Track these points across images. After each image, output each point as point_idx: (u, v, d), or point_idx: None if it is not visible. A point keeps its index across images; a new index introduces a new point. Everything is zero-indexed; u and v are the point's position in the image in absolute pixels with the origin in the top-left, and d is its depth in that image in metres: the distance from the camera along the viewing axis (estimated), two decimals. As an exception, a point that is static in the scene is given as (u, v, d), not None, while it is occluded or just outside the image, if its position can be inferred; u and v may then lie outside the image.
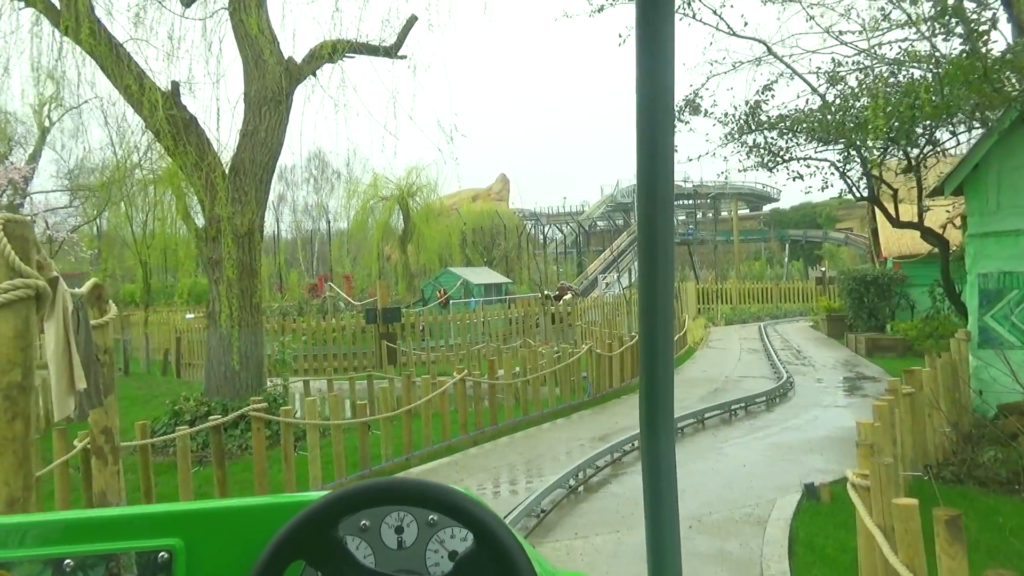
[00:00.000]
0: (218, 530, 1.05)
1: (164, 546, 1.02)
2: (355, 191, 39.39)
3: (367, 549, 1.05)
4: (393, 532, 1.06)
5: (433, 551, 1.06)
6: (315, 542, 0.93)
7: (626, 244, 35.73)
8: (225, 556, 1.04)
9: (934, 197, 11.15)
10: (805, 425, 9.32)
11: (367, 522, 1.06)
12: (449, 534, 1.06)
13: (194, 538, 1.03)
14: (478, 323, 20.68)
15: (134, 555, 1.01)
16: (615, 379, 12.55)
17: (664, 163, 0.73)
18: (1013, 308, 9.57)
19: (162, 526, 1.03)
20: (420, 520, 1.06)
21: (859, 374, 13.78)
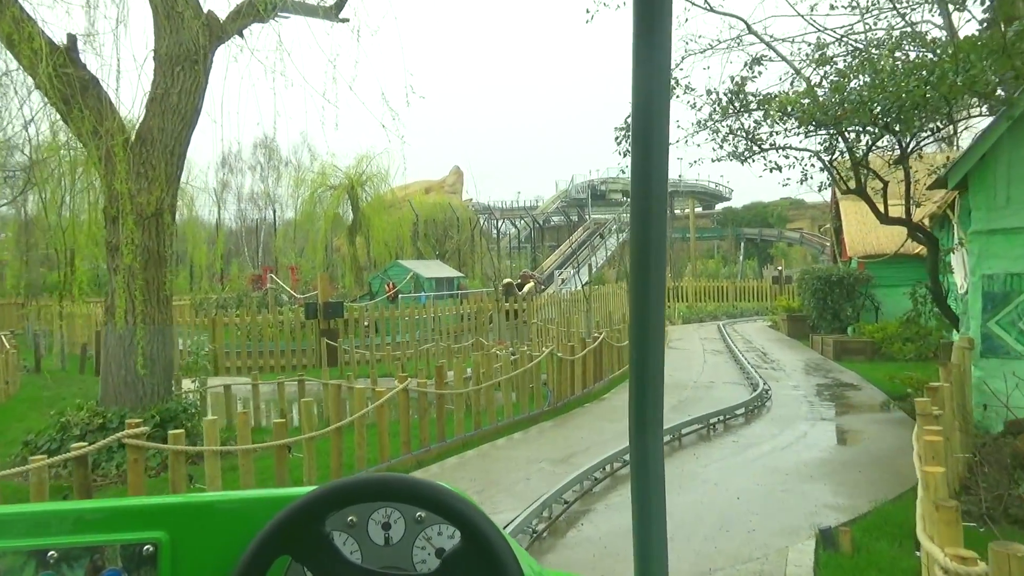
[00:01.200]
0: (204, 524, 1.03)
1: (149, 539, 0.99)
2: (303, 180, 37.49)
3: (354, 545, 1.02)
4: (380, 528, 1.03)
5: (420, 548, 1.03)
6: (301, 537, 0.91)
7: (583, 238, 34.57)
8: (210, 550, 1.01)
9: (933, 190, 10.10)
10: (794, 444, 8.13)
11: (354, 518, 1.03)
12: (436, 531, 1.03)
13: (179, 531, 1.01)
14: (428, 319, 19.23)
15: (119, 548, 0.99)
16: (577, 385, 11.25)
17: (658, 165, 0.71)
18: (1022, 314, 8.55)
19: (147, 519, 1.01)
20: (407, 517, 1.03)
21: (836, 380, 12.74)
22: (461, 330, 20.01)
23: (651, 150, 0.70)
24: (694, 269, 38.56)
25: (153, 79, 8.93)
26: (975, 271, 8.82)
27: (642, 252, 0.73)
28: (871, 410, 9.96)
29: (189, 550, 1.02)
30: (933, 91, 7.56)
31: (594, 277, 28.74)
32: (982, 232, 8.71)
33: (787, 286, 31.34)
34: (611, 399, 11.37)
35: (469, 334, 19.80)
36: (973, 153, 8.62)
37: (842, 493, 6.31)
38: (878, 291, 19.61)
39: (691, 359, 16.21)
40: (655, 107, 0.70)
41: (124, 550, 0.99)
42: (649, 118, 0.70)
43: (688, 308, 30.27)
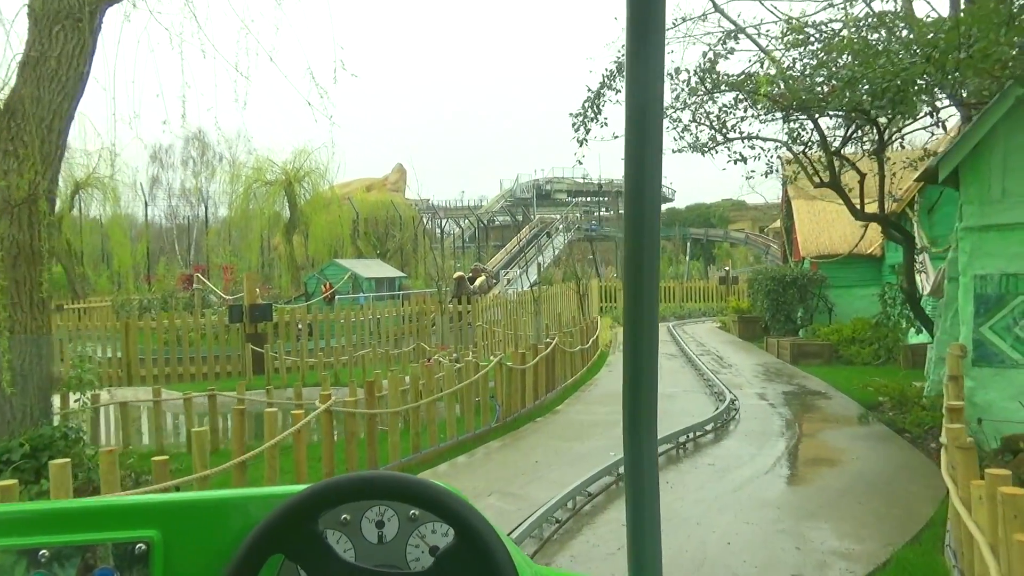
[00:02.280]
0: (196, 522, 1.01)
1: (141, 537, 0.98)
2: (238, 175, 35.51)
3: (347, 543, 1.00)
4: (374, 526, 1.01)
5: (414, 546, 1.01)
6: (295, 536, 0.90)
7: (530, 237, 33.49)
8: (203, 549, 1.00)
9: (922, 182, 9.25)
10: (777, 466, 7.10)
11: (348, 516, 1.01)
12: (430, 529, 1.01)
13: (172, 530, 0.99)
14: (367, 322, 17.83)
15: (110, 546, 0.97)
16: (528, 396, 10.07)
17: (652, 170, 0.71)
18: (1018, 318, 7.71)
19: (139, 517, 1.00)
20: (401, 515, 1.01)
21: (801, 387, 11.85)
22: (402, 333, 18.66)
23: (644, 154, 0.69)
24: (640, 269, 37.85)
25: (27, 39, 7.42)
26: (966, 271, 7.95)
27: (635, 255, 0.73)
28: (848, 423, 9.03)
29: (181, 549, 0.99)
30: (935, 68, 6.60)
31: (542, 277, 27.69)
32: (974, 228, 7.85)
33: (734, 286, 30.83)
34: (565, 412, 10.23)
35: (411, 338, 18.48)
36: (967, 141, 7.75)
37: (849, 534, 5.26)
38: (831, 292, 18.99)
39: (645, 364, 15.20)
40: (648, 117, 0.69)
41: (116, 549, 0.97)
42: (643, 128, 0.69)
43: (635, 309, 29.44)
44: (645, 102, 0.70)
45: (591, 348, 15.19)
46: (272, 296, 25.92)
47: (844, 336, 16.71)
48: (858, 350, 15.58)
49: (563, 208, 44.58)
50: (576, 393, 11.76)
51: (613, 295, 30.68)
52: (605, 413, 9.95)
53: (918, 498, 6.08)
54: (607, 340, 19.67)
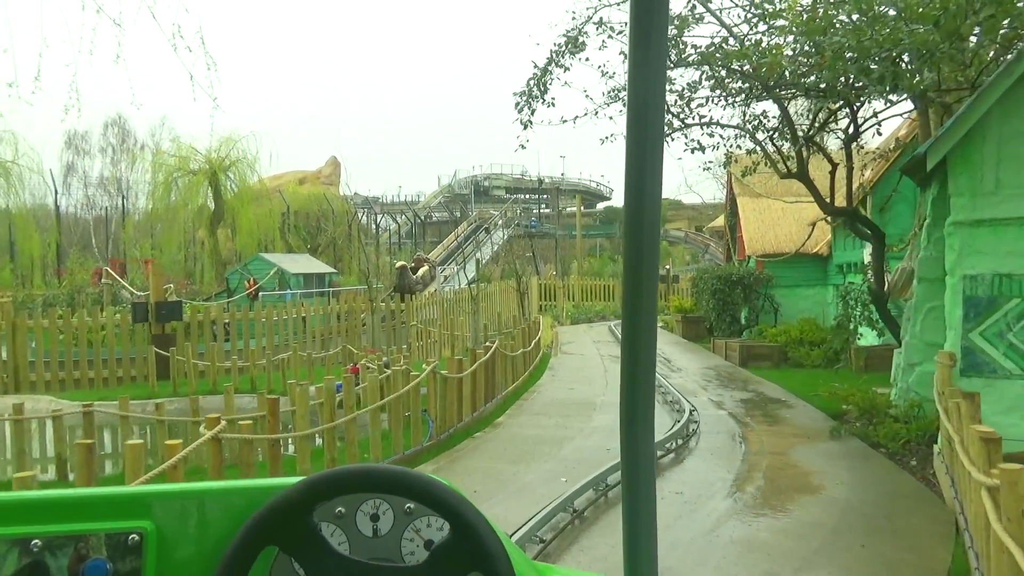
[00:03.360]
0: (190, 513, 0.99)
1: (135, 528, 0.96)
2: (160, 163, 33.21)
3: (342, 536, 0.98)
4: (368, 520, 0.99)
5: (409, 540, 0.99)
6: (289, 528, 0.89)
7: (468, 233, 32.20)
8: (197, 540, 0.98)
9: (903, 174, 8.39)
10: (756, 495, 6.08)
11: (342, 509, 0.99)
12: (425, 523, 0.99)
13: (166, 521, 0.98)
14: (292, 321, 16.32)
15: (103, 536, 0.95)
16: (465, 408, 8.87)
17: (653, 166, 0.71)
18: (1012, 323, 6.88)
19: (133, 508, 0.98)
20: (396, 508, 0.99)
21: (758, 393, 10.96)
22: (329, 333, 17.20)
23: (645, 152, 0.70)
24: (580, 267, 37.03)
25: None
26: (954, 271, 7.10)
27: (635, 255, 0.73)
28: (820, 437, 8.13)
29: (175, 540, 0.98)
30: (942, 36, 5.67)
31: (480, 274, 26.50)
32: (964, 223, 7.00)
33: (675, 285, 30.23)
34: (507, 425, 9.06)
35: (339, 338, 17.04)
36: (958, 126, 6.89)
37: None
38: (777, 292, 18.36)
39: (590, 368, 14.17)
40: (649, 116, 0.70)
41: (109, 539, 0.95)
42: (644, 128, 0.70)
43: (575, 307, 28.54)
44: (647, 101, 0.69)
45: (533, 350, 14.09)
46: (191, 292, 24.03)
47: (792, 337, 16.04)
48: (807, 352, 14.90)
49: (502, 204, 43.46)
50: (518, 402, 10.61)
51: (552, 293, 29.70)
52: (552, 426, 8.83)
53: (925, 535, 5.13)
54: (548, 341, 18.62)
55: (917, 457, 7.50)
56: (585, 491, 5.84)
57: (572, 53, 8.35)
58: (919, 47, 5.75)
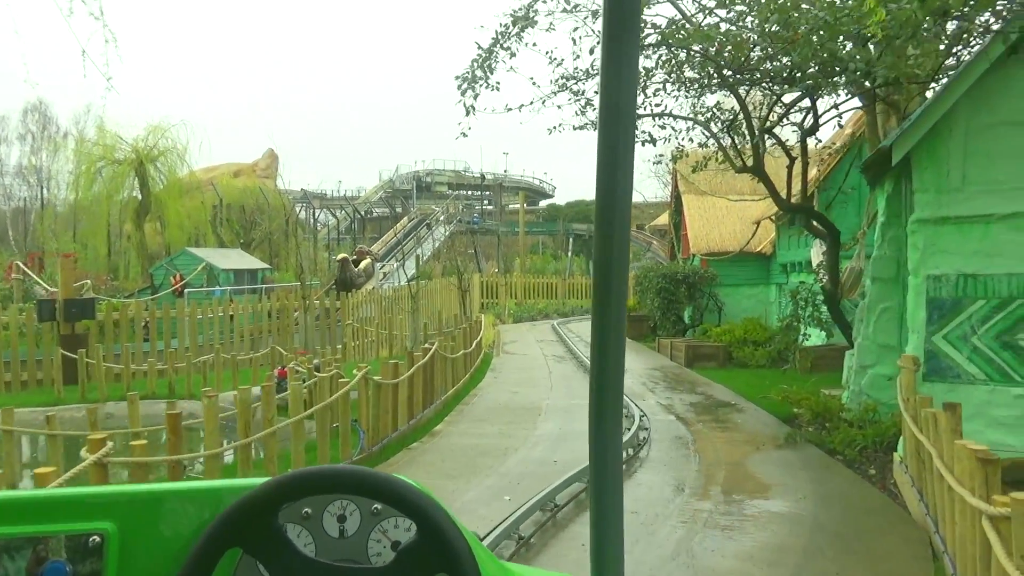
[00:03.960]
0: (153, 514, 0.96)
1: (95, 530, 0.93)
2: (83, 152, 31.36)
3: (308, 537, 0.96)
4: (335, 521, 0.97)
5: (376, 541, 0.97)
6: (253, 529, 0.87)
7: (409, 229, 31.27)
8: (160, 541, 0.95)
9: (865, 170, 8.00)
10: (713, 512, 5.56)
11: (309, 510, 0.97)
12: (393, 524, 0.97)
13: (128, 522, 0.95)
14: (220, 319, 15.30)
15: (63, 539, 0.92)
16: (401, 416, 8.16)
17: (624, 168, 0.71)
18: (977, 326, 6.54)
19: (94, 509, 0.95)
20: (363, 509, 0.97)
21: (707, 396, 10.55)
22: (260, 333, 16.23)
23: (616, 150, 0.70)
24: (523, 264, 36.52)
25: None
26: (918, 271, 6.74)
27: (605, 255, 0.72)
28: (775, 444, 7.71)
29: (137, 541, 0.95)
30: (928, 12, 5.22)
31: (421, 271, 25.69)
32: (929, 221, 6.63)
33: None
34: (446, 434, 8.39)
35: (270, 338, 16.09)
36: (925, 119, 6.52)
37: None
38: (720, 290, 18.13)
39: (534, 370, 13.60)
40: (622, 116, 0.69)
41: (69, 541, 0.92)
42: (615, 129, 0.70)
43: (518, 305, 28.00)
44: (619, 102, 0.69)
45: (475, 351, 13.44)
46: (112, 289, 22.60)
47: (737, 337, 15.78)
48: (752, 352, 14.65)
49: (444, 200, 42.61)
50: (459, 407, 9.95)
51: (495, 291, 29.08)
52: (494, 435, 8.19)
53: (901, 559, 4.68)
54: (490, 340, 17.99)
55: (876, 465, 7.14)
56: (532, 513, 5.22)
57: (522, 29, 7.72)
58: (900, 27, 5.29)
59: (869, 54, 5.56)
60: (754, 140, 8.02)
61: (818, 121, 7.70)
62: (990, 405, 6.34)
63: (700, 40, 6.33)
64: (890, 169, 8.48)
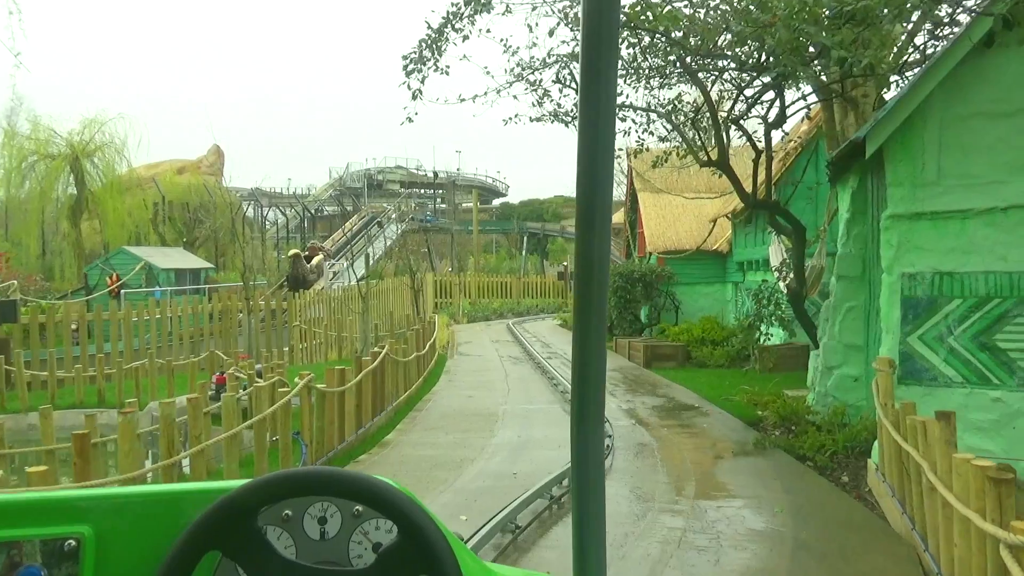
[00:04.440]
0: (131, 517, 0.94)
1: (71, 533, 0.91)
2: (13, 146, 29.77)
3: (288, 540, 0.95)
4: (316, 523, 0.96)
5: (357, 543, 0.96)
6: (232, 532, 0.85)
7: (359, 227, 30.40)
8: (137, 545, 0.93)
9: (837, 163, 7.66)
10: (691, 533, 5.13)
11: (289, 512, 0.95)
12: (374, 526, 0.96)
13: (105, 525, 0.93)
14: (159, 321, 14.43)
15: (38, 543, 0.90)
16: (348, 426, 7.58)
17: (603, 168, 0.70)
18: (953, 326, 6.26)
19: (70, 512, 0.93)
20: (344, 511, 0.96)
21: (669, 398, 10.18)
22: (201, 335, 15.39)
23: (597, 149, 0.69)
24: (477, 263, 35.96)
25: None
26: (892, 269, 6.43)
27: (586, 253, 0.72)
28: (744, 451, 7.34)
29: (115, 545, 0.93)
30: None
31: (372, 270, 24.95)
32: (903, 216, 6.32)
33: (573, 282, 29.62)
34: (397, 445, 7.82)
35: (212, 340, 15.27)
36: (899, 110, 6.21)
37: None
38: (677, 289, 17.89)
39: (490, 372, 13.09)
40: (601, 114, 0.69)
41: (44, 545, 0.90)
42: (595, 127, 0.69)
43: (472, 305, 27.45)
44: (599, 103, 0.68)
45: (428, 353, 12.88)
46: (43, 290, 21.36)
47: (695, 336, 15.54)
48: (710, 351, 14.40)
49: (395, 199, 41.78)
50: (411, 414, 9.39)
51: (448, 290, 28.47)
52: (449, 445, 7.66)
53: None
54: (444, 341, 17.43)
55: (848, 471, 6.82)
56: (492, 536, 4.72)
57: (475, 12, 7.19)
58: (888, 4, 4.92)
59: (851, 35, 5.18)
60: (719, 132, 7.65)
61: (785, 112, 7.37)
62: (967, 408, 6.06)
63: (666, 22, 5.90)
64: (855, 164, 8.24)
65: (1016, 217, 5.92)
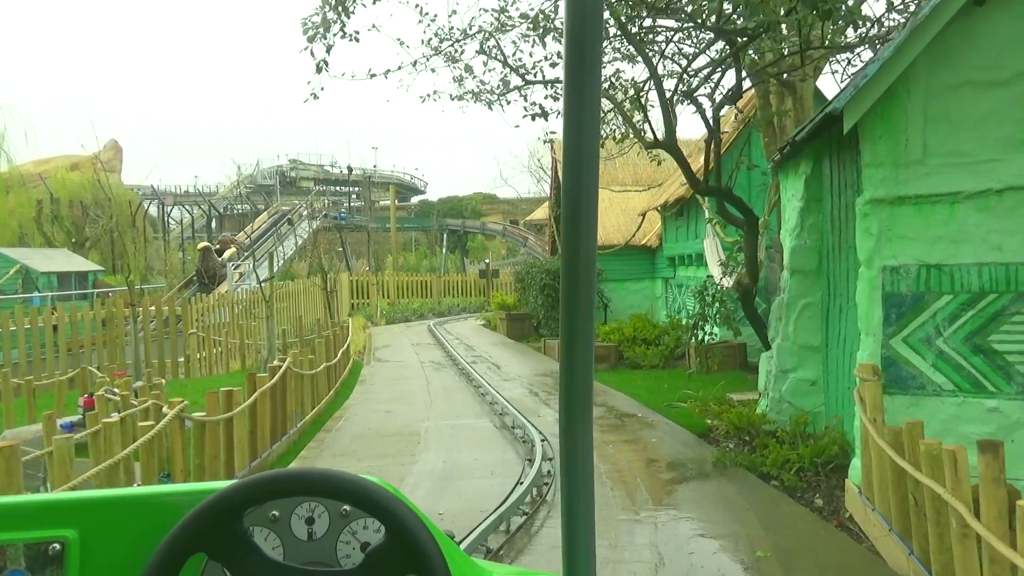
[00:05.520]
0: (115, 520, 0.93)
1: (56, 537, 0.90)
2: None
3: (276, 541, 0.94)
4: (304, 523, 0.95)
5: (345, 543, 0.95)
6: (218, 534, 0.83)
7: (267, 226, 28.40)
8: (122, 549, 0.92)
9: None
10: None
11: (277, 512, 0.94)
12: (362, 525, 0.95)
13: (89, 529, 0.92)
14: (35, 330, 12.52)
15: (22, 547, 0.89)
16: (238, 460, 6.21)
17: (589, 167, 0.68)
18: (943, 326, 5.44)
19: (54, 516, 0.92)
20: (332, 511, 0.95)
21: (609, 408, 9.17)
22: (80, 346, 13.51)
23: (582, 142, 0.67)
24: (395, 262, 34.44)
25: None
26: (872, 261, 5.56)
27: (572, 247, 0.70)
28: (703, 472, 6.39)
29: (99, 548, 0.92)
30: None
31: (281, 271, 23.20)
32: (884, 201, 5.45)
33: (495, 280, 28.56)
34: (300, 477, 6.49)
35: (95, 351, 13.44)
36: (881, 77, 5.34)
37: None
38: (605, 286, 17.03)
39: (409, 380, 11.84)
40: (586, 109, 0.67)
41: (28, 549, 0.89)
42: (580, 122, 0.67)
43: (391, 305, 26.01)
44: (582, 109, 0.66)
45: (341, 361, 11.52)
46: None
47: (626, 335, 14.68)
48: (644, 351, 13.56)
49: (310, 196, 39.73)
50: (319, 435, 8.07)
51: (366, 290, 26.91)
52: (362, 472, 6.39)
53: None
54: (360, 346, 16.03)
55: (821, 493, 5.96)
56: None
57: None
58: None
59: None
60: (667, 110, 6.67)
61: (741, 85, 6.43)
62: (960, 420, 5.24)
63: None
64: (807, 147, 7.42)
65: (1012, 200, 5.12)
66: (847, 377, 6.66)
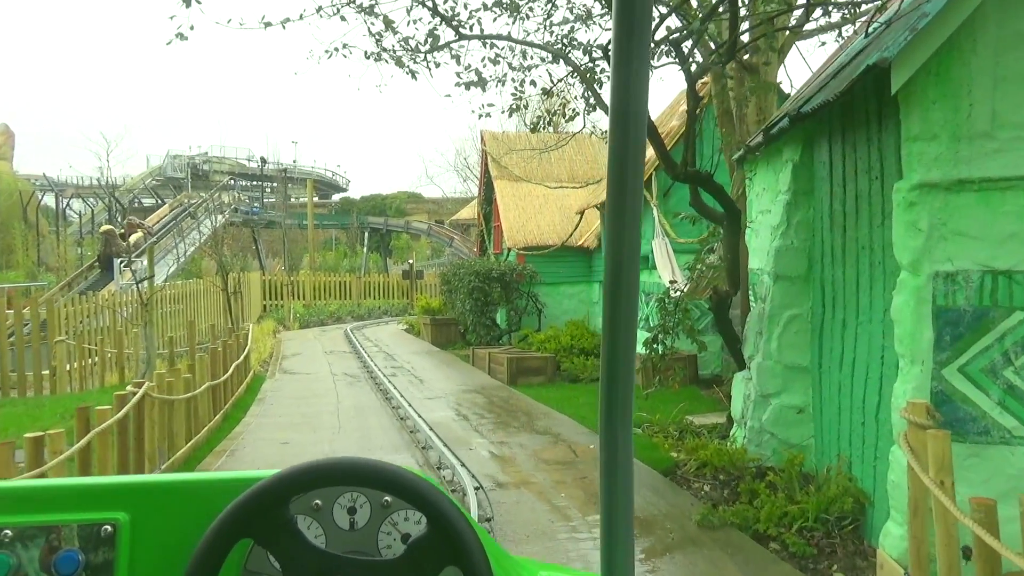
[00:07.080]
0: (165, 505, 0.94)
1: (108, 519, 0.91)
2: None
3: (318, 529, 0.94)
4: (346, 513, 0.95)
5: (386, 533, 0.95)
6: (264, 521, 0.84)
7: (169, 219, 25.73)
8: (171, 532, 0.93)
9: None
10: None
11: (319, 502, 0.94)
12: (403, 516, 0.94)
13: (140, 512, 0.93)
14: None
15: (76, 528, 0.90)
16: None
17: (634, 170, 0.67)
18: (1015, 354, 4.11)
19: (107, 499, 0.93)
20: (374, 501, 0.95)
21: (553, 436, 7.62)
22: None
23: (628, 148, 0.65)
24: (313, 261, 32.08)
25: None
26: (919, 266, 4.15)
27: (616, 249, 0.69)
28: (687, 535, 4.90)
29: (149, 531, 0.93)
30: None
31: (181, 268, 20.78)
32: (937, 186, 4.05)
33: (419, 282, 26.72)
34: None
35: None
36: (939, 25, 3.97)
37: None
38: (539, 289, 15.54)
39: (317, 397, 9.99)
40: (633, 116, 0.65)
41: (82, 530, 0.90)
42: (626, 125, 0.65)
43: (306, 308, 23.85)
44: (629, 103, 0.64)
45: (235, 376, 9.59)
46: None
47: (563, 344, 13.24)
48: (582, 362, 12.14)
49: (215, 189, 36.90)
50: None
51: (280, 291, 24.61)
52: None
53: None
54: (265, 354, 14.01)
55: (839, 562, 4.56)
56: None
57: None
58: None
59: None
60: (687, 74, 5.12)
61: (737, 39, 4.97)
62: (1035, 477, 3.92)
63: None
64: (794, 129, 6.08)
65: (1110, 187, 3.82)
66: (852, 408, 5.31)
